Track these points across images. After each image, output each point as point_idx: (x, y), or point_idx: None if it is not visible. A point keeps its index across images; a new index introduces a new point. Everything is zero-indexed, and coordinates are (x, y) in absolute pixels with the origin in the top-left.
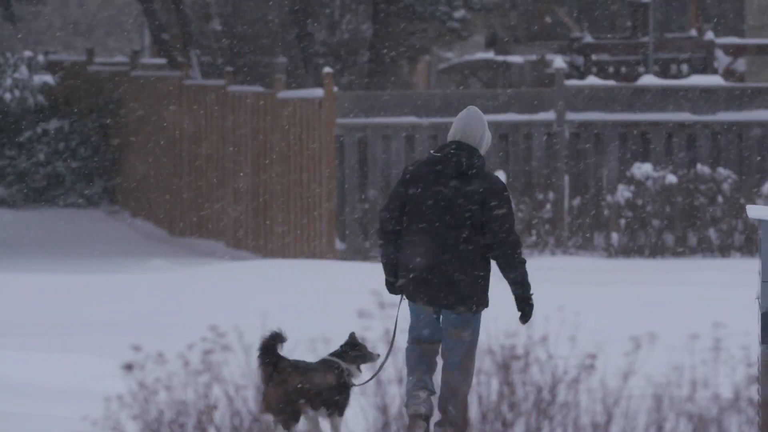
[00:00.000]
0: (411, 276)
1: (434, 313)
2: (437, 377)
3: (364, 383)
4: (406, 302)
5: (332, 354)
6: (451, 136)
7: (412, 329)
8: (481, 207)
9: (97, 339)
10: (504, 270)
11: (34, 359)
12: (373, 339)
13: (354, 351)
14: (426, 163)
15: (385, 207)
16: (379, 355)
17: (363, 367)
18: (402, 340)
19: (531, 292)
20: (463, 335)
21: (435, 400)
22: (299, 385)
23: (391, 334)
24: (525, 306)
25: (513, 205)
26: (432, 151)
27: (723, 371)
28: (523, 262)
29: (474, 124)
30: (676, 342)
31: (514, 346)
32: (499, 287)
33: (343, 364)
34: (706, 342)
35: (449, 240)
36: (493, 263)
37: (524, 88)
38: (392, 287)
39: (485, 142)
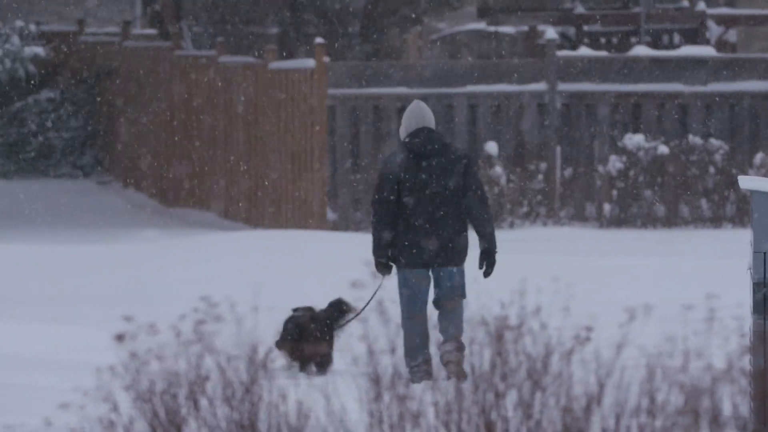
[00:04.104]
0: (410, 246)
1: (426, 281)
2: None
3: (346, 322)
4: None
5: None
6: (415, 125)
7: (407, 304)
8: (463, 175)
9: (89, 310)
10: (480, 226)
11: (25, 330)
12: (366, 309)
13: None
14: (407, 147)
15: (378, 196)
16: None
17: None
18: (393, 314)
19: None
20: (458, 283)
21: (430, 366)
22: None
23: (376, 303)
24: (492, 258)
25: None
26: (407, 139)
27: (716, 342)
28: (493, 217)
29: (428, 113)
30: (669, 313)
31: (507, 316)
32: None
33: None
34: (700, 313)
35: (442, 208)
36: None
37: (516, 59)
38: (384, 267)
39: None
